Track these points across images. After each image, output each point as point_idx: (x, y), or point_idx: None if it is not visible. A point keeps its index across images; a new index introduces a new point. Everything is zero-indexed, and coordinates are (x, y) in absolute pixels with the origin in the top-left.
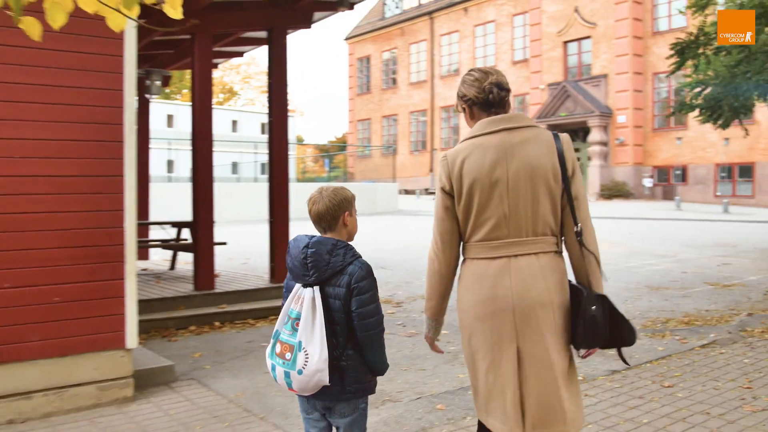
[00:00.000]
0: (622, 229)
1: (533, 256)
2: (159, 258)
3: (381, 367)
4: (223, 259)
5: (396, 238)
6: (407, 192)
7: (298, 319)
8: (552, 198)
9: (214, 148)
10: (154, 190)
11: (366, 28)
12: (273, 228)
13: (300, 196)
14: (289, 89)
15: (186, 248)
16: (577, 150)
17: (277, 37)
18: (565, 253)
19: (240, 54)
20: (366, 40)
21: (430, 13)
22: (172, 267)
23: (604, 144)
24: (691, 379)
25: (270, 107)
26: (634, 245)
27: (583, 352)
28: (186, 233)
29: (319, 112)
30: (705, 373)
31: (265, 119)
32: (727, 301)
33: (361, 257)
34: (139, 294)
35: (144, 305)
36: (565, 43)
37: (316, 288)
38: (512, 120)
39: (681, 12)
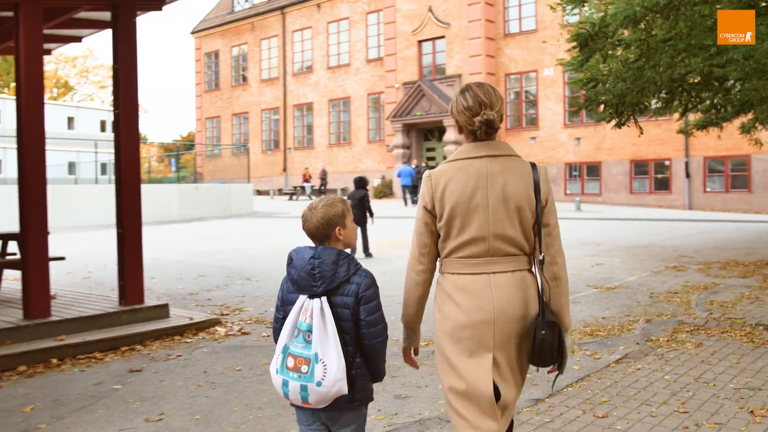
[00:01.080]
0: None
1: (510, 274)
2: None
3: (382, 374)
4: (60, 274)
5: (256, 243)
6: (260, 193)
7: (309, 331)
8: (525, 223)
9: (47, 146)
10: None
11: (214, 21)
12: (122, 240)
13: (146, 199)
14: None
15: (12, 265)
16: (432, 149)
17: (124, 15)
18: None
19: (78, 39)
20: (214, 34)
21: (281, 8)
22: None
23: (460, 144)
24: (622, 405)
25: (116, 98)
26: None
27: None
28: (14, 246)
29: (164, 110)
30: (633, 395)
31: (106, 116)
32: (618, 306)
33: (362, 267)
34: None
35: None
36: (420, 42)
37: (324, 298)
38: (495, 148)
39: (552, 8)
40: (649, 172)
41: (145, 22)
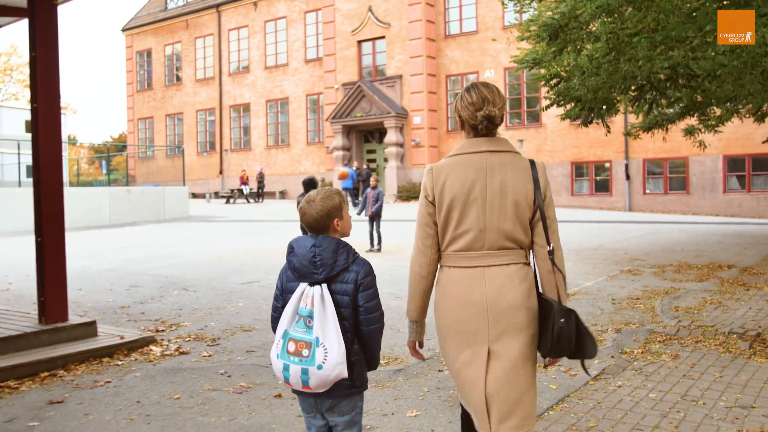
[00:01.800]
0: None
1: (504, 267)
2: None
3: (377, 362)
4: None
5: (193, 249)
6: (196, 196)
7: (310, 316)
8: (522, 218)
9: None
10: None
11: (146, 19)
12: (42, 249)
13: (74, 203)
14: (60, 83)
15: None
16: (373, 151)
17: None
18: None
19: None
20: (146, 32)
21: (216, 6)
22: None
23: (400, 145)
24: (611, 430)
25: (33, 90)
26: None
27: (546, 360)
28: None
29: (94, 110)
30: (621, 419)
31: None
32: (582, 314)
33: (359, 255)
34: None
35: None
36: (360, 42)
37: (324, 285)
38: (496, 143)
39: (503, 4)
40: (589, 174)
41: (74, 19)
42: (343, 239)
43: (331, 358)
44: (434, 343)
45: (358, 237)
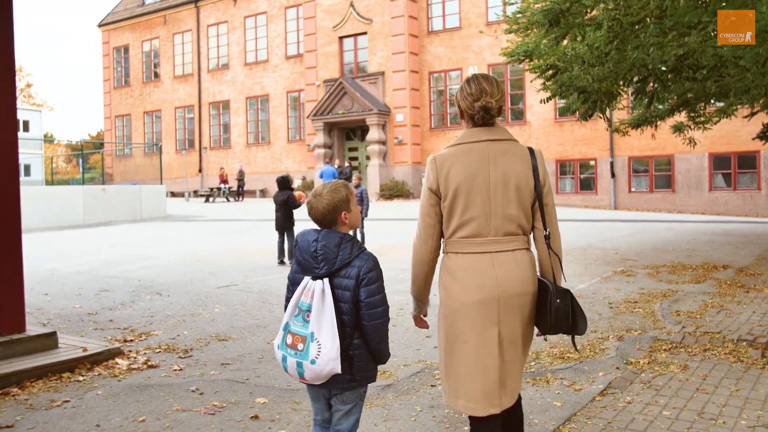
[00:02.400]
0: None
1: (510, 253)
2: None
3: (384, 356)
4: None
5: (169, 250)
6: (174, 194)
7: (309, 310)
8: (525, 203)
9: None
10: None
11: (123, 14)
12: None
13: (47, 202)
14: (36, 80)
15: None
16: (355, 149)
17: None
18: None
19: None
20: (124, 27)
21: (195, 1)
22: None
23: (383, 143)
24: None
25: None
26: None
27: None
28: None
29: (72, 108)
30: None
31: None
32: None
33: (366, 249)
34: None
35: None
36: (341, 38)
37: (326, 280)
38: (495, 132)
39: None
40: (574, 171)
41: (51, 14)
42: (347, 230)
43: (323, 353)
44: (425, 355)
45: None
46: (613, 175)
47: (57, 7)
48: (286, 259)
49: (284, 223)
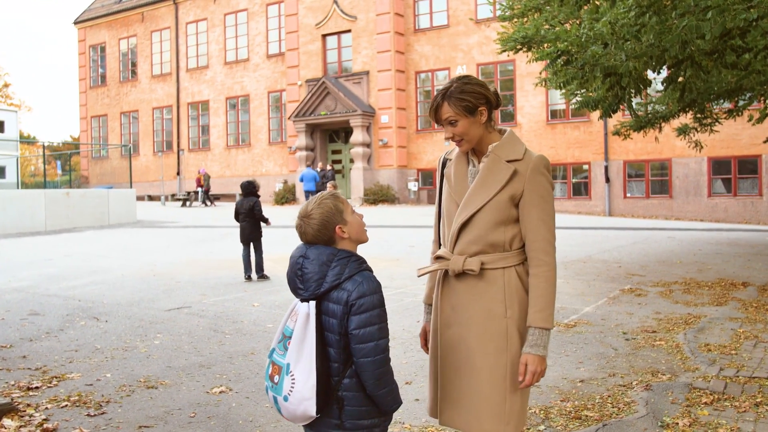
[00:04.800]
0: (400, 241)
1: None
2: None
3: (386, 402)
4: None
5: (127, 261)
6: (151, 198)
7: (290, 337)
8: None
9: None
10: None
11: (100, 11)
12: None
13: (3, 207)
14: (15, 80)
15: None
16: (338, 151)
17: None
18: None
19: None
20: (100, 25)
21: None
22: None
23: (367, 145)
24: None
25: None
26: (419, 261)
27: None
28: None
29: (52, 108)
30: None
31: None
32: (592, 356)
33: (366, 270)
34: None
35: None
36: (324, 36)
37: (312, 303)
38: None
39: None
40: (567, 176)
41: (30, 12)
42: (351, 246)
43: (297, 390)
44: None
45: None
46: (607, 179)
47: (36, 4)
48: (253, 275)
49: (250, 234)
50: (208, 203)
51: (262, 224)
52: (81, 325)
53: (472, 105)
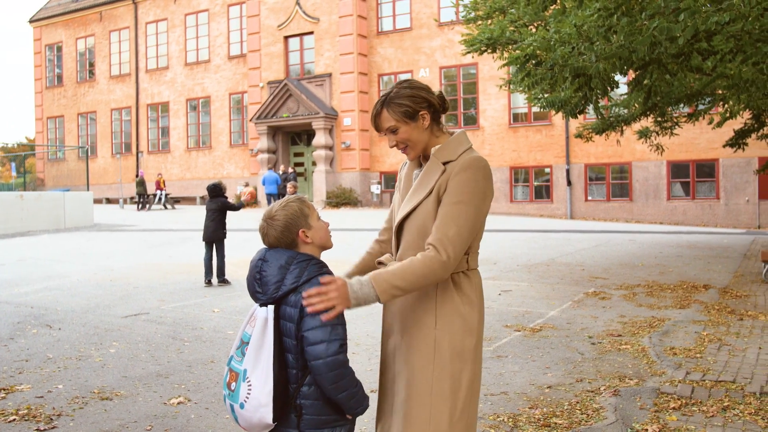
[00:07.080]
0: (362, 244)
1: None
2: None
3: (350, 406)
4: None
5: (84, 266)
6: (110, 201)
7: (248, 343)
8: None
9: None
10: None
11: (56, 9)
12: None
13: None
14: None
15: None
16: (300, 154)
17: None
18: None
19: None
20: (57, 24)
21: None
22: None
23: (330, 148)
24: None
25: None
26: None
27: None
28: None
29: (6, 109)
30: None
31: None
32: (558, 361)
33: (326, 274)
34: None
35: None
36: (287, 38)
37: (270, 308)
38: None
39: None
40: (529, 179)
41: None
42: (314, 252)
43: (253, 397)
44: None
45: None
46: (569, 182)
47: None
48: (214, 279)
49: (214, 233)
50: (147, 208)
51: (230, 213)
52: (32, 334)
53: (411, 110)
